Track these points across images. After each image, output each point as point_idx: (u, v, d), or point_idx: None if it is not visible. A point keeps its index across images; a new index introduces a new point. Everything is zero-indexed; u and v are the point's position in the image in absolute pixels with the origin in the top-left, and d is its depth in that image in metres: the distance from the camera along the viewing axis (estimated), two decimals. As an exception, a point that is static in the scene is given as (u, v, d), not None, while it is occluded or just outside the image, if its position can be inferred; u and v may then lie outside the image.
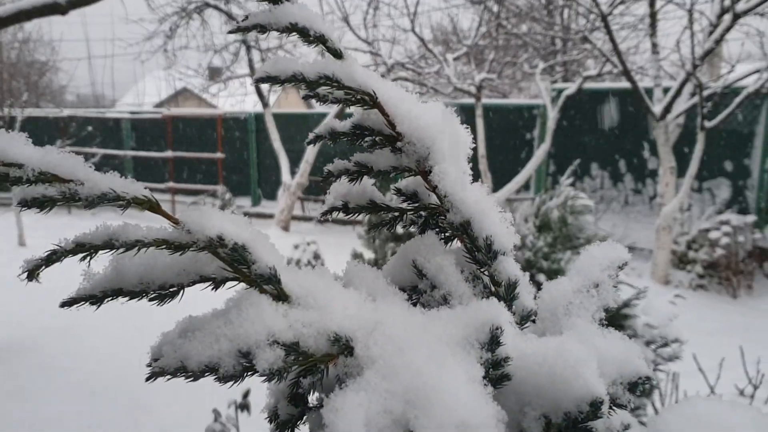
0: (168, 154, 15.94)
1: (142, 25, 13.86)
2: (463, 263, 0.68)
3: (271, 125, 14.09)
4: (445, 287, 0.64)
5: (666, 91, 8.64)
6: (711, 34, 7.75)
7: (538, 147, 12.13)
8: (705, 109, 7.58)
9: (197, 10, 13.67)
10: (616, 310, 3.32)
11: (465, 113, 13.43)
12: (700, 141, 7.85)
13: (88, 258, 0.51)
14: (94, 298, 0.52)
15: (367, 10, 12.36)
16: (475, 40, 11.10)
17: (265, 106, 14.27)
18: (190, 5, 13.39)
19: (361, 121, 0.73)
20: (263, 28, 0.73)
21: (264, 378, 0.51)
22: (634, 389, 0.59)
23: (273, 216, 14.24)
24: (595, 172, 11.83)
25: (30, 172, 0.48)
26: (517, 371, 0.55)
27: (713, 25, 7.77)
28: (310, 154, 13.44)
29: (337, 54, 0.73)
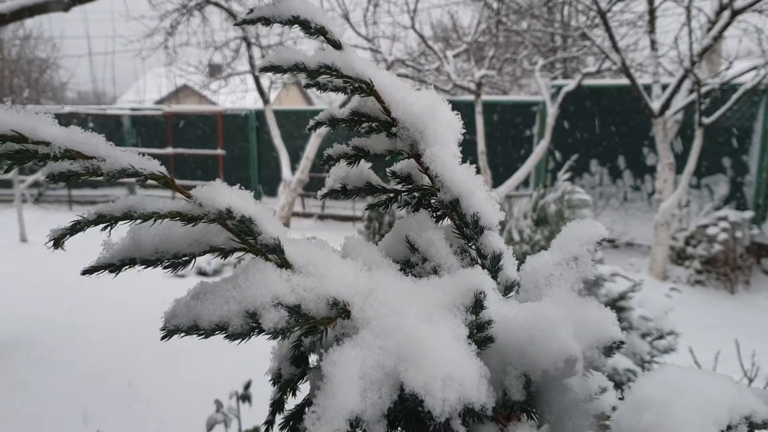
0: (169, 150, 16.00)
1: (143, 22, 13.90)
2: (452, 238, 0.73)
3: (271, 122, 14.13)
4: (435, 260, 0.69)
5: (665, 87, 8.69)
6: (709, 30, 7.79)
7: (538, 143, 12.18)
8: (703, 106, 7.63)
9: (198, 7, 13.70)
10: (612, 302, 3.37)
11: (465, 110, 13.49)
12: (698, 137, 7.90)
13: (109, 228, 0.56)
14: (113, 266, 0.57)
15: (367, 7, 12.39)
16: (474, 37, 11.14)
17: (266, 102, 14.29)
18: (191, 2, 13.43)
19: (359, 107, 0.78)
20: (267, 21, 0.78)
21: (269, 336, 0.56)
22: (609, 353, 0.64)
23: (273, 212, 14.28)
24: (595, 168, 11.89)
25: (57, 150, 0.53)
26: (499, 334, 0.61)
27: (711, 22, 7.82)
28: (311, 150, 13.49)
29: (337, 45, 0.78)
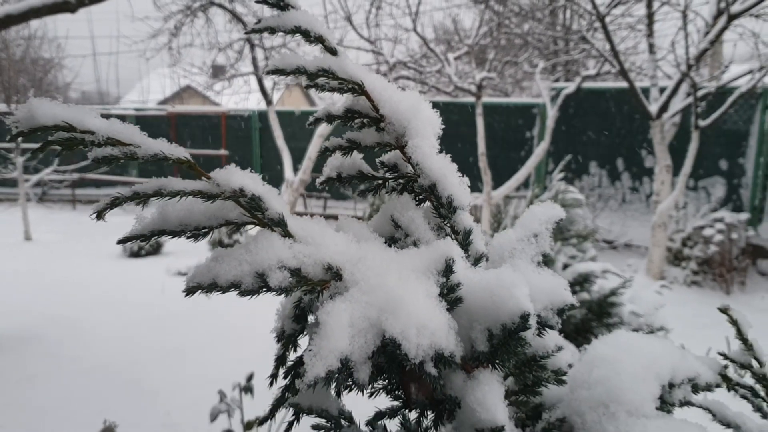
0: (172, 150, 16.11)
1: (147, 23, 14.03)
2: (430, 217, 0.85)
3: (274, 122, 14.24)
4: (415, 235, 0.81)
5: (662, 90, 8.81)
6: (706, 35, 7.91)
7: (538, 145, 12.29)
8: (699, 109, 7.75)
9: (202, 8, 13.84)
10: (603, 298, 3.48)
11: (465, 112, 13.62)
12: (695, 140, 8.02)
13: (142, 204, 0.67)
14: (144, 237, 0.69)
15: (370, 10, 12.52)
16: (476, 40, 11.25)
17: (269, 103, 14.42)
18: (195, 3, 13.57)
19: (352, 105, 0.90)
20: (273, 30, 0.90)
21: (275, 293, 0.67)
22: (561, 314, 0.76)
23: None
24: (594, 170, 12.02)
25: (100, 137, 0.64)
26: (467, 295, 0.72)
27: (708, 26, 7.93)
28: (313, 150, 13.60)
29: (333, 51, 0.90)
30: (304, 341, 0.75)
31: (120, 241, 0.70)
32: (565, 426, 0.76)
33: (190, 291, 0.67)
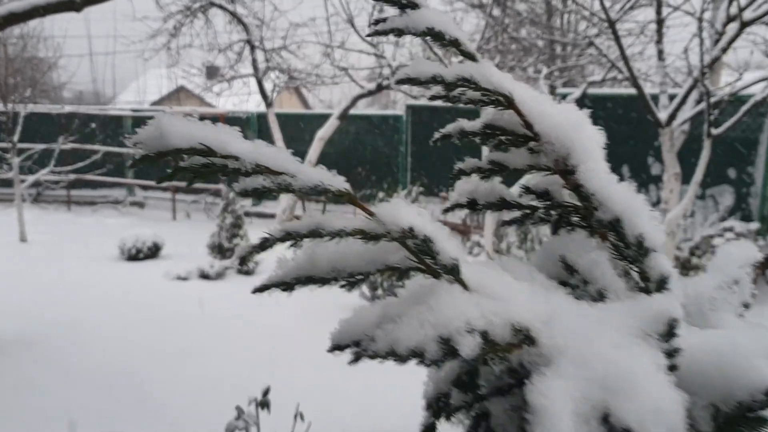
0: (169, 152, 15.93)
1: (146, 23, 13.87)
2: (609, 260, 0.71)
3: (274, 125, 14.08)
4: (600, 282, 0.66)
5: (672, 98, 8.69)
6: (717, 42, 7.80)
7: (541, 151, 12.15)
8: (712, 117, 7.63)
9: (201, 9, 13.68)
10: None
11: (467, 118, 13.48)
12: (707, 148, 7.89)
13: (294, 245, 0.53)
14: (286, 285, 0.55)
15: (372, 12, 12.38)
16: (480, 44, 11.13)
17: (269, 105, 14.26)
18: (195, 4, 13.41)
19: (494, 120, 0.76)
20: (400, 32, 0.76)
21: (464, 362, 0.53)
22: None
23: (274, 216, 14.24)
24: (598, 177, 11.89)
25: (247, 165, 0.50)
26: (683, 361, 0.58)
27: (719, 33, 7.82)
28: (313, 154, 13.46)
29: (472, 57, 0.76)
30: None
31: (256, 290, 0.56)
32: None
33: (357, 359, 0.52)
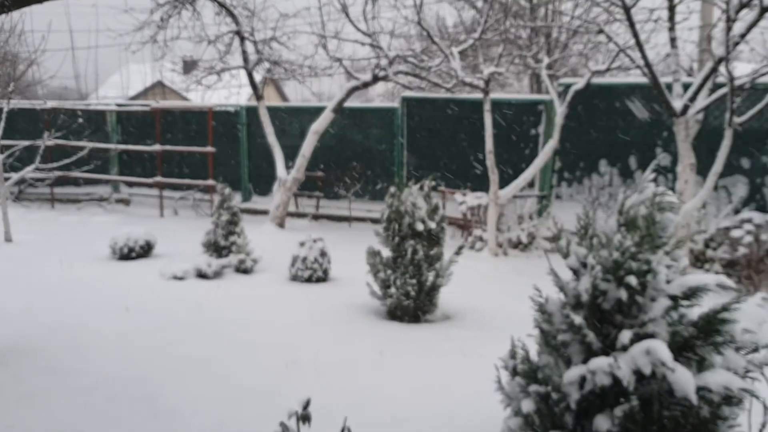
0: (156, 147, 15.49)
1: (133, 15, 13.40)
2: None
3: (265, 118, 13.72)
4: None
5: (686, 87, 8.45)
6: (728, 30, 7.54)
7: (544, 143, 11.90)
8: (735, 105, 7.38)
9: (189, 0, 13.27)
10: (714, 314, 3.06)
11: (465, 108, 13.18)
12: (728, 137, 7.65)
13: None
14: None
15: (367, 2, 12.02)
16: (480, 34, 10.81)
17: (260, 98, 13.88)
18: (183, -5, 13.01)
19: None
20: None
21: None
22: None
23: (266, 212, 13.88)
24: (604, 168, 11.65)
25: None
26: None
27: (731, 20, 7.57)
28: (307, 148, 13.11)
29: None
30: None
31: None
32: None
33: None
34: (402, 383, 4.99)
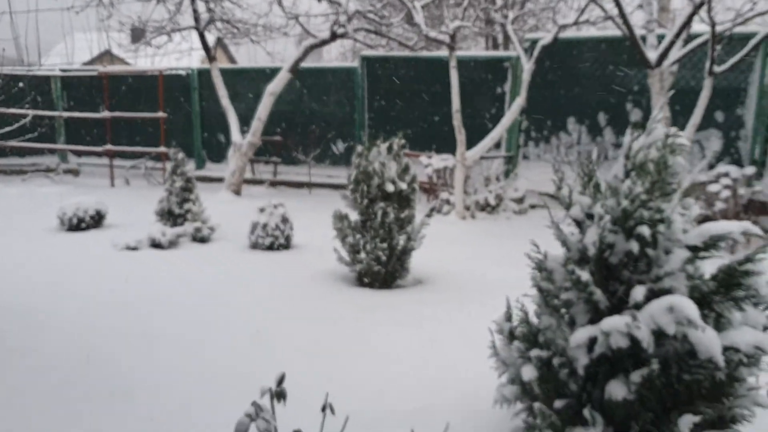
0: (105, 114, 14.77)
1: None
2: None
3: (218, 80, 13.11)
4: None
5: (660, 38, 8.15)
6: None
7: (511, 101, 11.55)
8: (715, 53, 7.09)
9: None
10: (738, 264, 2.73)
11: (427, 67, 12.73)
12: (707, 87, 7.38)
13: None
14: None
15: (324, -45, 11.46)
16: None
17: (212, 60, 13.24)
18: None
19: None
20: None
21: None
22: None
23: (221, 180, 13.35)
24: (572, 126, 11.35)
25: None
26: None
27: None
28: (263, 111, 12.56)
29: None
30: None
31: None
32: None
33: None
34: (379, 354, 4.63)
